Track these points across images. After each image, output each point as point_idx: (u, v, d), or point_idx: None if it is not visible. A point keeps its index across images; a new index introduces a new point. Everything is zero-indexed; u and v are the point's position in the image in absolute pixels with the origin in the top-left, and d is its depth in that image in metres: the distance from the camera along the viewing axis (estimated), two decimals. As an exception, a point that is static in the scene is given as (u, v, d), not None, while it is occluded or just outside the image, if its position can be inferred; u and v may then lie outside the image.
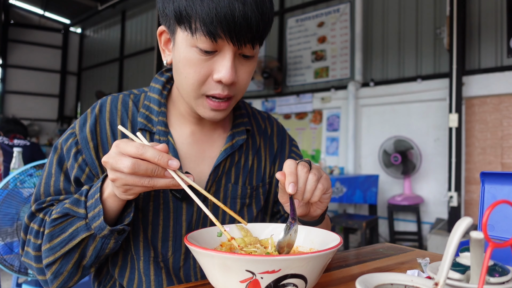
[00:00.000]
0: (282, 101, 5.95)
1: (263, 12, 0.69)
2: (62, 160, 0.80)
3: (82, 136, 0.79)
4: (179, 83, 0.76)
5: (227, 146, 0.86)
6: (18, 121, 3.63)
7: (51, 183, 0.79)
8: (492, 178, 0.67)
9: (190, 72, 0.72)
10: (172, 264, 0.80)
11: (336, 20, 5.48)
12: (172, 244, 0.80)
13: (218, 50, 0.70)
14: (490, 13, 4.14)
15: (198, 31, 0.67)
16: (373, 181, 4.41)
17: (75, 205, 0.70)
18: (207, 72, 0.71)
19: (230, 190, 0.86)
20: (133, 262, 0.80)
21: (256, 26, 0.68)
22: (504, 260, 0.55)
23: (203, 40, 0.68)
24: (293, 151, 1.01)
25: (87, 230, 0.69)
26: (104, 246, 0.71)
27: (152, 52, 8.21)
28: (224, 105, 0.75)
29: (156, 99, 0.85)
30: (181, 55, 0.72)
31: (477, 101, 4.20)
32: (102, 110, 0.83)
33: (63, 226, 0.70)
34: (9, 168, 2.30)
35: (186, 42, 0.70)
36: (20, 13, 10.01)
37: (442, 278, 0.38)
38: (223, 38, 0.67)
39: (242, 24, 0.66)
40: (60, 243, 0.70)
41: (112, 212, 0.70)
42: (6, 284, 3.07)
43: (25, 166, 1.71)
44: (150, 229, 0.79)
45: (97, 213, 0.68)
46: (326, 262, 0.55)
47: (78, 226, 0.70)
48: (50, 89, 10.47)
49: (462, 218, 0.38)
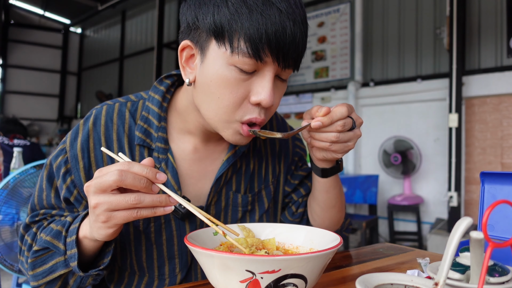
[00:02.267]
0: (281, 101, 5.94)
1: (306, 32, 0.66)
2: (51, 177, 0.77)
3: (72, 154, 0.74)
4: (205, 103, 0.68)
5: (229, 155, 0.81)
6: (18, 121, 3.63)
7: (43, 197, 0.78)
8: (492, 178, 0.67)
9: (225, 93, 0.65)
10: (180, 280, 0.79)
11: (336, 20, 5.48)
12: (179, 261, 0.79)
13: (258, 70, 0.64)
14: (490, 13, 4.14)
15: (241, 48, 0.61)
16: (373, 181, 4.41)
17: (56, 239, 0.69)
18: (244, 93, 0.65)
19: (231, 199, 0.83)
20: (133, 278, 0.79)
21: (302, 47, 0.65)
22: (504, 260, 0.55)
23: (245, 59, 0.62)
24: (297, 145, 0.97)
25: (66, 267, 0.69)
26: (84, 281, 0.71)
27: (152, 52, 8.20)
28: (256, 127, 0.70)
29: (155, 113, 0.78)
30: (215, 74, 0.64)
31: (477, 101, 4.20)
32: (96, 123, 0.77)
33: (44, 258, 0.71)
34: (9, 168, 2.30)
35: (223, 59, 0.63)
36: (20, 13, 10.00)
37: (442, 278, 0.38)
38: (268, 57, 0.62)
39: (291, 44, 0.62)
40: (42, 273, 0.70)
41: (89, 252, 0.68)
42: (6, 284, 3.07)
43: (25, 166, 1.71)
44: (155, 248, 0.78)
45: (73, 254, 0.66)
46: (326, 262, 0.55)
47: (57, 261, 0.69)
48: (50, 89, 10.46)
49: (462, 218, 0.38)
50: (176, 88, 0.83)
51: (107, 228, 0.59)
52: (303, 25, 0.64)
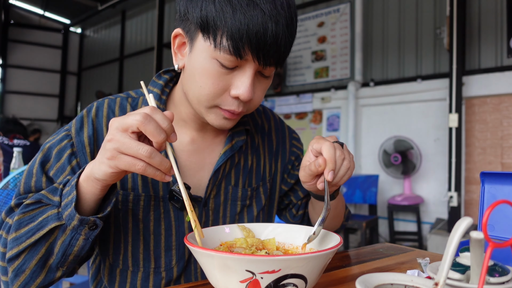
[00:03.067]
0: (282, 101, 5.95)
1: (292, 33, 0.67)
2: (46, 161, 0.75)
3: (79, 140, 0.75)
4: (191, 90, 0.73)
5: (227, 149, 0.84)
6: (18, 121, 3.63)
7: (31, 183, 0.73)
8: (492, 178, 0.67)
9: (207, 83, 0.68)
10: (176, 273, 0.79)
11: (336, 20, 5.48)
12: (176, 252, 0.79)
13: (239, 66, 0.68)
14: (490, 13, 4.14)
15: (223, 45, 0.64)
16: (373, 181, 4.41)
17: (51, 193, 0.66)
18: (224, 86, 0.69)
19: (230, 193, 0.85)
20: (127, 275, 0.78)
21: (284, 47, 0.66)
22: (504, 260, 0.55)
23: (227, 55, 0.65)
24: (294, 144, 0.99)
25: (58, 220, 0.63)
26: (73, 242, 0.64)
27: (152, 52, 8.20)
28: (236, 116, 0.74)
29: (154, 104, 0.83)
30: (199, 64, 0.68)
31: (477, 101, 4.20)
32: (98, 114, 0.79)
33: (33, 214, 0.66)
34: (9, 168, 2.30)
35: (207, 52, 0.67)
36: (20, 13, 10.00)
37: (442, 278, 0.38)
38: (249, 56, 0.65)
39: (272, 44, 0.64)
40: (27, 232, 0.64)
41: (89, 200, 0.64)
42: (6, 284, 3.07)
43: (25, 166, 1.71)
44: (152, 239, 0.78)
45: (70, 200, 0.62)
46: (326, 262, 0.55)
47: (49, 214, 0.64)
48: (50, 89, 10.47)
49: (462, 218, 0.38)
50: (174, 83, 0.86)
51: (109, 166, 0.58)
52: (288, 27, 0.66)
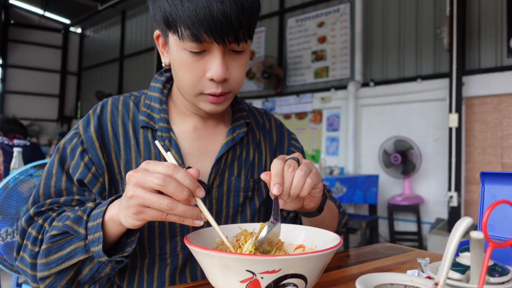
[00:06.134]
0: (282, 101, 5.95)
1: (243, 7, 0.68)
2: (64, 160, 0.79)
3: (87, 136, 0.79)
4: (177, 83, 0.79)
5: (228, 139, 0.87)
6: (18, 121, 3.63)
7: (51, 183, 0.78)
8: (492, 178, 0.67)
9: (185, 73, 0.74)
10: (182, 260, 0.80)
11: (336, 20, 5.48)
12: (181, 239, 0.80)
13: (207, 49, 0.71)
14: (490, 13, 4.14)
15: (184, 34, 0.69)
16: (373, 181, 4.41)
17: (76, 223, 0.68)
18: (200, 71, 0.73)
19: (233, 183, 0.87)
20: (136, 261, 0.80)
21: (237, 22, 0.68)
22: (504, 260, 0.55)
23: (190, 43, 0.69)
24: (292, 144, 1.02)
25: (86, 253, 0.67)
26: (100, 270, 0.70)
27: (152, 52, 8.21)
28: (222, 98, 0.77)
29: (157, 97, 0.86)
30: (175, 58, 0.74)
31: (477, 101, 4.20)
32: (103, 111, 0.84)
33: (61, 243, 0.69)
34: (9, 168, 2.30)
35: (177, 45, 0.72)
36: (20, 13, 10.00)
37: (442, 278, 0.38)
38: (206, 38, 0.68)
39: (222, 22, 0.66)
40: (56, 260, 0.68)
41: (112, 236, 0.68)
42: (6, 284, 3.08)
43: (25, 166, 1.71)
44: (157, 226, 0.79)
45: (97, 238, 0.66)
46: (326, 262, 0.55)
47: (76, 246, 0.68)
48: (50, 89, 10.47)
49: (462, 218, 0.38)
50: None
51: (136, 220, 0.62)
52: (236, 2, 0.67)
